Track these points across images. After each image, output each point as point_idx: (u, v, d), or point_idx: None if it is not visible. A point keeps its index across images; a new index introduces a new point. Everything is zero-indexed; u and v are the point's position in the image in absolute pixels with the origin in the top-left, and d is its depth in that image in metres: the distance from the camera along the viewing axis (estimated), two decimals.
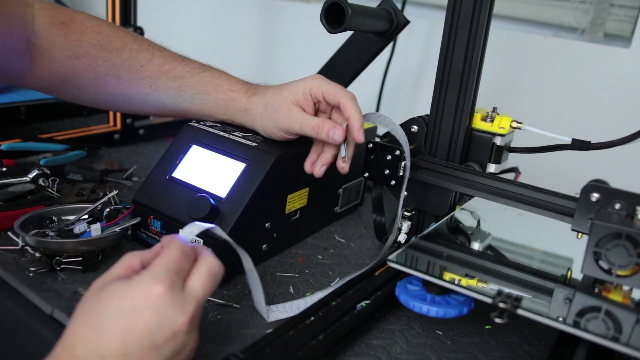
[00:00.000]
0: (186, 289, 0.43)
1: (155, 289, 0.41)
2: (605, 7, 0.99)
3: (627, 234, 0.48)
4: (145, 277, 0.42)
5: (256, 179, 0.62)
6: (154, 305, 0.41)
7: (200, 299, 0.44)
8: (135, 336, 0.40)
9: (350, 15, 0.67)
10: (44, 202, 0.71)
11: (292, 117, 0.64)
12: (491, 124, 0.68)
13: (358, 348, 0.54)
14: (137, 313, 0.40)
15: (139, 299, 0.41)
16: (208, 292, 0.45)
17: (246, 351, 0.46)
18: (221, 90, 0.68)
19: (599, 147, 0.65)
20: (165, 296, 0.41)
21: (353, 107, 0.62)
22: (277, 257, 0.70)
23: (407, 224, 0.72)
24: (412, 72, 1.18)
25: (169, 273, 0.42)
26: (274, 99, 0.65)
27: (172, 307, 0.41)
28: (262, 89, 0.68)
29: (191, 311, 0.42)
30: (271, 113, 0.65)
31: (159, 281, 0.41)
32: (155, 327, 0.40)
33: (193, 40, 1.48)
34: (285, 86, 0.66)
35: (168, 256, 0.44)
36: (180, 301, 0.42)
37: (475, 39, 0.64)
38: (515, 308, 0.46)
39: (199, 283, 0.44)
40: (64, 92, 0.70)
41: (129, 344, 0.40)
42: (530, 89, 1.04)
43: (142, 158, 1.00)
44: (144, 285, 0.41)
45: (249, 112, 0.68)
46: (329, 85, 0.64)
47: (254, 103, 0.67)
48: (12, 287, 0.59)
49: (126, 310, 0.40)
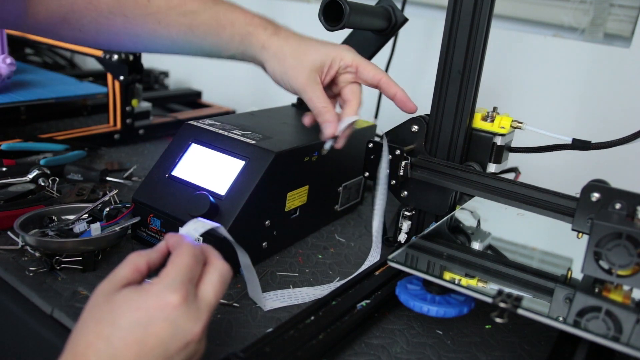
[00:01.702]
0: (199, 297, 0.43)
1: (171, 300, 0.40)
2: (605, 7, 0.99)
3: (628, 234, 0.48)
4: (159, 287, 0.41)
5: (255, 177, 0.62)
6: (169, 317, 0.40)
7: (213, 307, 0.43)
8: (149, 347, 0.39)
9: (348, 13, 0.67)
10: (44, 202, 0.71)
11: (308, 85, 0.63)
12: (491, 123, 0.68)
13: (358, 348, 0.54)
14: (152, 325, 0.40)
15: (154, 310, 0.40)
16: (220, 299, 0.45)
17: (246, 351, 0.46)
18: (237, 24, 0.65)
19: (599, 147, 0.65)
20: (181, 307, 0.40)
21: (395, 84, 0.64)
22: (277, 257, 0.70)
23: (407, 224, 0.72)
24: (412, 72, 1.18)
25: (183, 283, 0.42)
26: (298, 55, 0.63)
27: (187, 318, 0.41)
28: (284, 31, 0.66)
29: (205, 320, 0.42)
30: (289, 67, 0.63)
31: (175, 292, 0.41)
32: (169, 338, 0.40)
33: None
34: (314, 46, 0.64)
35: (180, 263, 0.43)
36: (195, 311, 0.41)
37: (476, 39, 0.64)
38: (516, 308, 0.46)
39: (212, 290, 0.44)
40: (64, 34, 0.65)
41: (143, 356, 0.39)
42: (530, 89, 1.04)
43: (142, 158, 1.00)
44: (159, 296, 0.41)
45: (266, 49, 0.65)
46: (364, 61, 0.64)
47: (275, 43, 0.64)
48: (12, 287, 0.59)
49: (141, 321, 0.40)
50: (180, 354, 0.41)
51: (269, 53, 0.65)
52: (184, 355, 0.41)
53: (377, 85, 0.65)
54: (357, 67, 0.64)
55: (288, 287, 0.64)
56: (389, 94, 0.65)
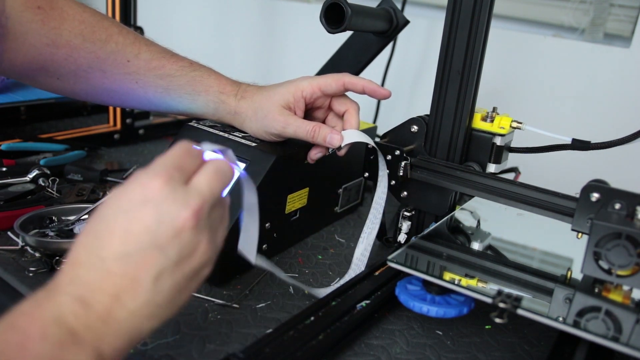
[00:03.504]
0: (189, 184, 0.40)
1: (152, 182, 0.38)
2: (605, 7, 0.99)
3: (627, 234, 0.48)
4: (142, 174, 0.39)
5: (256, 179, 0.62)
6: (151, 200, 0.38)
7: (206, 195, 0.40)
8: (135, 235, 0.37)
9: (350, 15, 0.67)
10: (44, 202, 0.71)
11: (285, 122, 0.63)
12: (491, 124, 0.68)
13: (358, 348, 0.54)
14: (134, 210, 0.38)
15: (136, 194, 0.38)
16: (215, 190, 0.41)
17: (246, 351, 0.46)
18: (211, 92, 0.68)
19: (599, 147, 0.65)
20: (163, 189, 0.38)
21: (359, 79, 0.64)
22: (277, 257, 0.70)
23: (407, 224, 0.72)
24: (412, 72, 1.18)
25: (166, 167, 0.40)
26: (264, 105, 0.65)
27: (172, 201, 0.38)
28: (250, 92, 0.67)
29: (194, 206, 0.39)
30: (261, 119, 0.65)
31: (156, 175, 0.39)
32: (154, 224, 0.38)
33: (193, 40, 1.48)
34: (274, 90, 0.65)
35: (168, 154, 0.41)
36: (182, 195, 0.39)
37: (475, 39, 0.64)
38: (515, 308, 0.46)
39: (204, 179, 0.41)
40: (41, 81, 0.66)
41: (129, 244, 0.37)
42: (530, 89, 1.04)
43: (142, 158, 1.00)
44: (140, 181, 0.39)
45: (238, 114, 0.67)
46: (321, 78, 0.64)
47: (243, 107, 0.67)
48: (12, 287, 0.59)
49: (123, 208, 0.38)
50: (172, 244, 0.38)
51: (241, 117, 0.67)
52: (177, 246, 0.38)
53: (345, 88, 0.65)
54: (319, 88, 0.64)
55: (288, 287, 0.64)
56: (358, 89, 0.65)
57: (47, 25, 0.61)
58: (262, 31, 1.42)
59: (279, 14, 1.37)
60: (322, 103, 0.67)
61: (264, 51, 1.43)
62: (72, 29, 0.63)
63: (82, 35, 0.63)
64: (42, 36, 0.61)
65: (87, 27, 0.63)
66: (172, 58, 0.68)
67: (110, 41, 0.65)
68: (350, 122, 0.65)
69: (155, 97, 0.68)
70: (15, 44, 0.61)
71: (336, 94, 0.66)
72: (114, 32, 0.65)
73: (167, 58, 0.67)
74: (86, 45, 0.63)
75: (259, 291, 0.62)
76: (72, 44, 0.63)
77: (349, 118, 0.66)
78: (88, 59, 0.64)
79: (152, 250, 0.37)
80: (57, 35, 0.62)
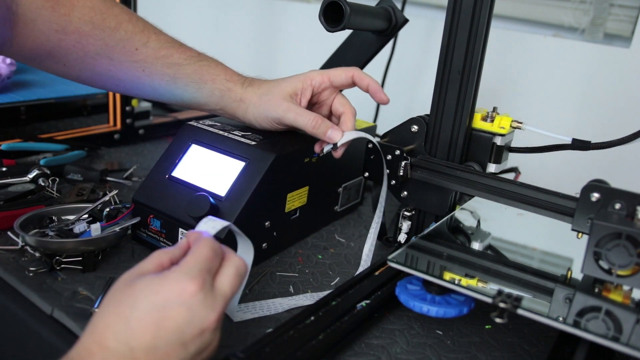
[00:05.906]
0: (215, 287, 0.44)
1: (189, 286, 0.41)
2: (605, 7, 0.99)
3: (627, 234, 0.48)
4: (178, 274, 0.42)
5: (255, 178, 0.62)
6: (186, 302, 0.41)
7: (228, 298, 0.45)
8: (166, 331, 0.40)
9: (349, 14, 0.67)
10: (44, 202, 0.71)
11: (287, 107, 0.65)
12: (491, 123, 0.68)
13: (358, 348, 0.54)
14: (169, 309, 0.41)
15: (172, 295, 0.41)
16: (235, 292, 0.46)
17: (246, 351, 0.46)
18: (218, 80, 0.68)
19: (599, 147, 0.65)
20: (198, 294, 0.42)
21: (366, 76, 0.66)
22: (277, 257, 0.70)
23: (407, 224, 0.72)
24: (412, 72, 1.18)
25: (201, 272, 0.43)
26: (270, 90, 0.66)
27: (203, 306, 0.42)
28: (258, 81, 0.69)
29: (219, 309, 0.43)
30: (264, 102, 0.66)
31: (192, 279, 0.42)
32: (185, 324, 0.41)
33: (193, 40, 1.47)
34: (284, 79, 0.67)
35: (200, 254, 0.44)
36: (211, 300, 0.43)
37: (475, 39, 0.64)
38: (515, 308, 0.46)
39: (227, 283, 0.45)
40: (47, 66, 0.66)
41: (159, 339, 0.40)
42: (531, 89, 1.04)
43: (142, 158, 1.00)
44: (177, 281, 0.42)
45: (243, 102, 0.68)
46: (332, 70, 0.66)
47: (249, 93, 0.67)
48: (12, 287, 0.59)
49: (159, 305, 0.41)
50: (195, 342, 0.42)
51: (245, 104, 0.68)
52: (198, 343, 0.42)
53: (352, 81, 0.67)
54: (328, 78, 0.67)
55: (288, 287, 0.64)
56: (363, 85, 0.67)
57: (57, 11, 0.61)
58: (261, 31, 1.42)
59: (279, 13, 1.37)
60: (326, 97, 0.68)
61: (263, 51, 1.43)
62: (82, 15, 0.62)
63: (91, 22, 0.63)
64: (52, 22, 0.61)
65: (97, 14, 0.63)
66: (181, 47, 0.68)
67: (120, 29, 0.64)
68: (346, 124, 0.67)
69: (161, 85, 0.68)
70: (24, 29, 0.61)
71: (343, 86, 0.68)
72: (123, 20, 0.65)
73: (176, 47, 0.68)
74: (95, 33, 0.63)
75: (259, 291, 0.62)
76: (82, 31, 0.62)
77: (345, 120, 0.67)
78: (96, 46, 0.64)
79: (177, 346, 0.41)
80: (67, 22, 0.62)
